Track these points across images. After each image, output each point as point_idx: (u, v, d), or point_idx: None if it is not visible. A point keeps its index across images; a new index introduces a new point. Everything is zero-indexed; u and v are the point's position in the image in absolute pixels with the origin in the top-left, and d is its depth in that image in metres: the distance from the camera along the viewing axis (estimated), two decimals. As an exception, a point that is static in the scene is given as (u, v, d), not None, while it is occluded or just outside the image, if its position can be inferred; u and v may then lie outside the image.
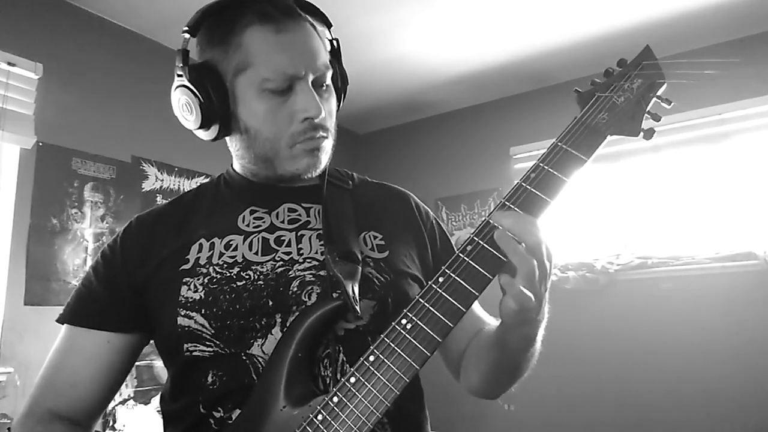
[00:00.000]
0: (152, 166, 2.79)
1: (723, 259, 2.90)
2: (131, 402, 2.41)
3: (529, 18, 2.83)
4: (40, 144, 2.34)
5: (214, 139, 0.84)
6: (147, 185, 2.76)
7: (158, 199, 2.80)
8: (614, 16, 2.81)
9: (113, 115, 2.65)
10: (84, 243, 2.46)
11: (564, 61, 3.24)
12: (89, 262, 2.45)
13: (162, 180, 2.82)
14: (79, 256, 2.43)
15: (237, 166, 0.91)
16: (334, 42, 0.88)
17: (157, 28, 2.81)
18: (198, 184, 2.96)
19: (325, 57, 0.82)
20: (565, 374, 3.13)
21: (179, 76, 0.80)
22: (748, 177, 2.98)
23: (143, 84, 2.80)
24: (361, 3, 2.64)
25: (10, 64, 2.25)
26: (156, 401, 2.49)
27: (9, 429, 1.90)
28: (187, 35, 0.80)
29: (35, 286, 2.25)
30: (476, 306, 0.91)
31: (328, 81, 0.83)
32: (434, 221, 0.97)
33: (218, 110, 0.79)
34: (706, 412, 2.80)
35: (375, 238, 0.85)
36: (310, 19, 0.83)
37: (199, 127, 0.81)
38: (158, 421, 2.42)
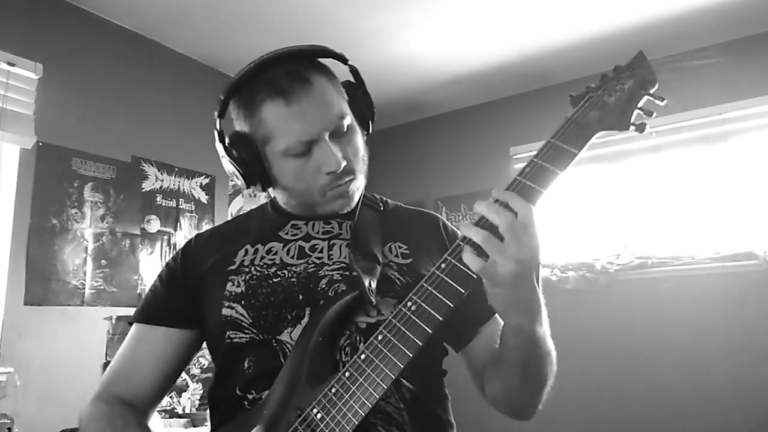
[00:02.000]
0: (152, 166, 2.79)
1: (723, 259, 2.90)
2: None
3: (530, 18, 2.83)
4: (40, 144, 2.34)
5: (264, 191, 0.97)
6: (147, 185, 2.76)
7: (158, 199, 2.80)
8: (614, 16, 2.81)
9: (113, 115, 2.66)
10: (84, 243, 2.46)
11: (564, 61, 3.24)
12: (89, 262, 2.46)
13: (162, 180, 2.82)
14: (79, 256, 2.43)
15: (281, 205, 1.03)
16: (353, 71, 0.95)
17: (157, 28, 2.81)
18: (200, 184, 2.98)
19: (339, 107, 0.89)
20: (564, 374, 3.12)
21: (221, 152, 0.92)
22: (748, 177, 2.98)
23: (143, 84, 2.80)
24: (362, 3, 2.65)
25: (10, 64, 2.25)
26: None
27: (9, 429, 1.90)
28: (217, 120, 0.92)
29: (35, 286, 2.25)
30: (498, 321, 0.92)
31: (347, 125, 0.89)
32: None
33: (258, 174, 0.91)
34: (706, 412, 2.80)
35: (400, 247, 0.94)
36: (321, 65, 0.90)
37: (248, 187, 0.94)
38: (159, 421, 2.42)
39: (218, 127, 0.92)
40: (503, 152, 3.65)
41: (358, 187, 0.93)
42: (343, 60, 0.93)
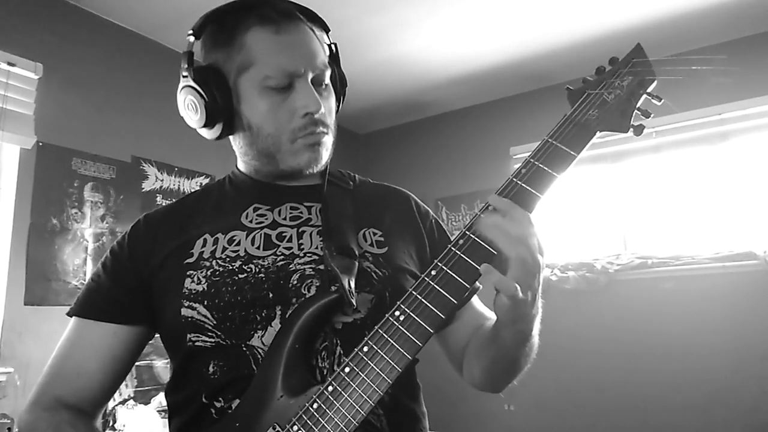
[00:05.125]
0: (152, 166, 2.79)
1: (723, 259, 2.90)
2: (131, 402, 2.41)
3: (529, 18, 2.83)
4: (40, 144, 2.34)
5: (218, 138, 0.86)
6: (147, 185, 2.76)
7: (158, 199, 2.79)
8: (614, 16, 2.81)
9: (113, 115, 2.65)
10: (84, 243, 2.46)
11: (563, 61, 3.24)
12: (89, 262, 2.46)
13: (162, 180, 2.82)
14: (79, 256, 2.43)
15: (241, 165, 0.94)
16: (333, 46, 0.90)
17: (157, 28, 2.81)
18: (200, 184, 2.98)
19: (323, 57, 0.84)
20: (564, 374, 3.13)
21: (184, 77, 0.82)
22: (748, 177, 2.98)
23: (143, 84, 2.80)
24: (362, 3, 2.64)
25: (10, 64, 2.25)
26: (156, 401, 2.49)
27: (9, 429, 1.90)
28: (191, 38, 0.83)
29: (35, 286, 2.25)
30: (477, 301, 0.93)
31: (327, 80, 0.85)
32: (433, 220, 0.99)
33: (222, 109, 0.82)
34: (706, 412, 2.80)
35: (374, 234, 0.87)
36: (309, 23, 0.86)
37: (204, 126, 0.84)
38: (158, 421, 2.42)
39: (190, 49, 0.82)
40: (503, 152, 3.65)
41: (328, 146, 0.86)
42: (326, 29, 0.89)
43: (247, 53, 0.80)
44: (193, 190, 1.01)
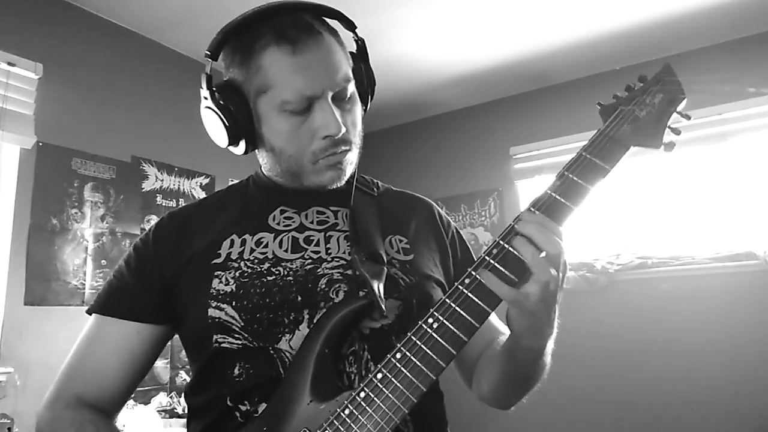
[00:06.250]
0: (152, 166, 2.79)
1: (723, 259, 2.90)
2: (131, 402, 2.41)
3: (529, 18, 2.83)
4: (40, 144, 2.34)
5: (244, 153, 0.87)
6: (147, 185, 2.76)
7: (158, 198, 2.80)
8: (614, 16, 2.81)
9: (113, 115, 2.65)
10: (84, 243, 2.46)
11: (564, 62, 3.24)
12: (89, 262, 2.46)
13: (162, 180, 2.82)
14: (79, 256, 2.43)
15: (265, 172, 0.94)
16: (359, 42, 0.89)
17: (158, 28, 2.81)
18: (200, 184, 2.98)
19: (346, 69, 0.82)
20: (565, 374, 3.12)
21: (205, 98, 0.82)
22: (748, 177, 2.98)
23: (143, 84, 2.80)
24: (361, 3, 2.64)
25: (10, 64, 2.25)
26: (156, 401, 2.49)
27: (9, 429, 1.90)
28: (209, 60, 0.81)
29: (35, 286, 2.25)
30: (492, 315, 0.93)
31: (351, 91, 0.83)
32: (455, 231, 0.99)
33: (244, 130, 0.82)
34: (706, 412, 2.80)
35: (400, 241, 0.88)
36: (330, 26, 0.84)
37: (229, 145, 0.85)
38: (158, 421, 2.42)
39: (208, 70, 0.81)
40: (503, 152, 3.65)
41: (352, 161, 0.86)
42: (352, 27, 0.86)
43: (264, 75, 0.78)
44: (217, 190, 1.00)
